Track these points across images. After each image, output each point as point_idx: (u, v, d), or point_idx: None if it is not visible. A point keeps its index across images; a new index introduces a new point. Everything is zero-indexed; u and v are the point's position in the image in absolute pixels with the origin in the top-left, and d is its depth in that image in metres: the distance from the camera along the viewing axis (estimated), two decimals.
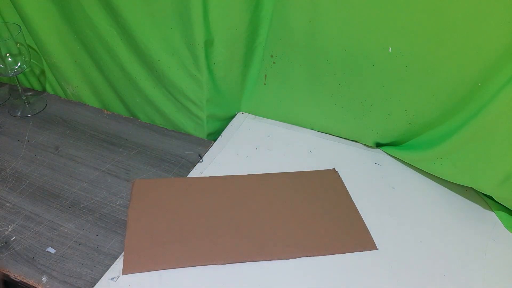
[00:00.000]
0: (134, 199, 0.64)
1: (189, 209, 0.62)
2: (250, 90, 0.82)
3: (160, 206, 0.62)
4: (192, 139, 0.80)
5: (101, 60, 0.81)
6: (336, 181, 0.70)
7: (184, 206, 0.63)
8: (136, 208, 0.62)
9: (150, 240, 0.57)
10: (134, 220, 0.60)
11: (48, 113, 0.85)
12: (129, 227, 0.59)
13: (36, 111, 0.85)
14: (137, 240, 0.57)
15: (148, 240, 0.57)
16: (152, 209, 0.62)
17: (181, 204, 0.63)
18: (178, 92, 0.78)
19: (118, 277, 0.52)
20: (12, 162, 0.71)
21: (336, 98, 0.73)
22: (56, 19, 0.78)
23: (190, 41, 0.69)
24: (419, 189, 0.71)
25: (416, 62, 0.61)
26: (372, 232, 0.61)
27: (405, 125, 0.70)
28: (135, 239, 0.57)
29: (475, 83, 0.58)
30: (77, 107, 0.87)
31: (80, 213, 0.62)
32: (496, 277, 0.56)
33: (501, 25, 0.52)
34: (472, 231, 0.63)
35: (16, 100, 0.88)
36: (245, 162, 0.73)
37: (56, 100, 0.89)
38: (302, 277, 0.54)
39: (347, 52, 0.66)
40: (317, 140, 0.80)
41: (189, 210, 0.62)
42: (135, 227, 0.58)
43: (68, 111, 0.86)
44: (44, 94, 0.92)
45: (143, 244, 0.56)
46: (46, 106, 0.87)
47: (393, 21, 0.59)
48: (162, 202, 0.63)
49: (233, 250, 0.56)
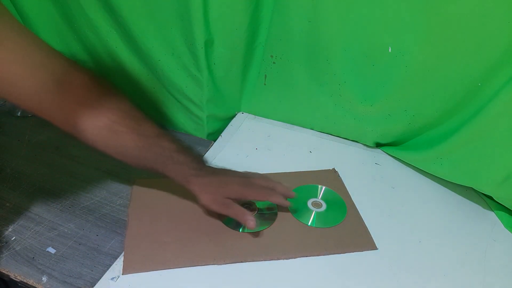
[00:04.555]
0: (134, 199, 0.64)
1: (189, 209, 0.62)
2: (250, 90, 0.82)
3: (160, 206, 0.62)
4: (192, 139, 0.80)
5: (101, 60, 0.81)
6: (336, 181, 0.70)
7: (184, 206, 0.62)
8: (136, 208, 0.62)
9: (150, 240, 0.57)
10: (134, 220, 0.59)
11: None
12: (129, 227, 0.59)
13: None
14: (137, 240, 0.57)
15: (148, 240, 0.57)
16: (152, 209, 0.62)
17: (181, 204, 0.63)
18: (178, 92, 0.78)
19: (118, 277, 0.52)
20: (12, 162, 0.71)
21: (336, 98, 0.73)
22: (56, 19, 0.78)
23: (190, 41, 0.69)
24: (419, 189, 0.71)
25: (416, 62, 0.61)
26: (372, 232, 0.61)
27: (405, 125, 0.70)
28: (135, 239, 0.57)
29: (475, 83, 0.58)
30: None
31: (80, 213, 0.62)
32: (496, 277, 0.56)
33: (501, 25, 0.52)
34: (472, 231, 0.63)
35: None
36: (245, 162, 0.73)
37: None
38: (302, 277, 0.54)
39: (347, 52, 0.66)
40: (317, 140, 0.80)
41: (189, 210, 0.62)
42: (135, 227, 0.58)
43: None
44: None
45: (143, 244, 0.56)
46: None
47: (393, 21, 0.59)
48: (162, 202, 0.63)
49: (233, 250, 0.56)
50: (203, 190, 0.55)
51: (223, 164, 0.72)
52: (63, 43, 0.82)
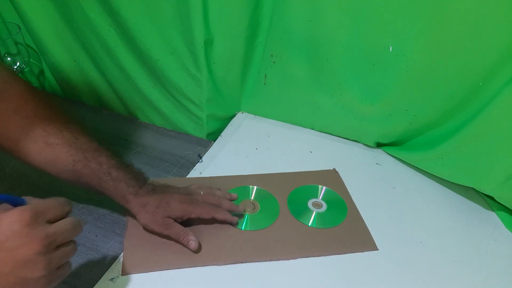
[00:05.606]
0: None
1: None
2: (250, 90, 0.81)
3: None
4: (192, 139, 0.80)
5: (100, 59, 0.81)
6: (336, 181, 0.70)
7: None
8: None
9: (150, 241, 0.56)
10: (134, 221, 0.59)
11: None
12: (128, 227, 0.58)
13: None
14: (136, 240, 0.56)
15: (148, 240, 0.56)
16: None
17: None
18: (177, 92, 0.78)
19: (118, 277, 0.52)
20: (12, 162, 0.70)
21: (336, 98, 0.73)
22: (55, 18, 0.78)
23: (190, 41, 0.69)
24: (420, 189, 0.70)
25: (417, 61, 0.60)
26: (373, 232, 0.61)
27: (406, 125, 0.69)
28: (134, 240, 0.57)
29: (476, 83, 0.58)
30: (76, 107, 0.87)
31: (79, 213, 0.62)
32: (497, 277, 0.56)
33: (502, 25, 0.52)
34: (473, 231, 0.63)
35: None
36: (245, 162, 0.73)
37: (55, 100, 0.89)
38: (302, 277, 0.54)
39: (348, 52, 0.65)
40: (317, 140, 0.80)
41: None
42: (134, 228, 0.58)
43: (67, 110, 0.85)
44: None
45: (142, 244, 0.56)
46: None
47: (393, 20, 0.59)
48: None
49: (233, 250, 0.56)
50: (143, 210, 0.53)
51: (222, 164, 0.72)
52: (63, 43, 0.82)
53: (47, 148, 0.50)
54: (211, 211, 0.56)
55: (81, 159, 0.51)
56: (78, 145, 0.51)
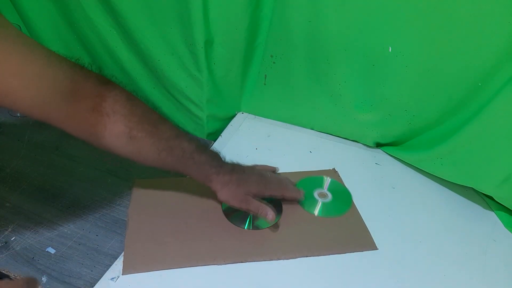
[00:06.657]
0: (134, 199, 0.64)
1: (189, 209, 0.62)
2: (250, 90, 0.82)
3: (160, 206, 0.62)
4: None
5: (101, 60, 0.81)
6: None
7: (184, 206, 0.62)
8: (136, 208, 0.62)
9: (150, 240, 0.56)
10: (134, 220, 0.59)
11: None
12: (129, 227, 0.58)
13: None
14: (137, 240, 0.57)
15: (148, 240, 0.57)
16: (152, 209, 0.62)
17: (181, 204, 0.63)
18: (178, 92, 0.78)
19: (118, 277, 0.52)
20: (12, 162, 0.71)
21: (336, 98, 0.73)
22: (56, 19, 0.78)
23: (190, 41, 0.69)
24: (419, 189, 0.70)
25: (416, 62, 0.61)
26: (372, 232, 0.61)
27: (405, 125, 0.70)
28: (135, 239, 0.57)
29: (475, 83, 0.58)
30: None
31: (80, 213, 0.62)
32: (496, 277, 0.56)
33: (501, 25, 0.52)
34: (472, 231, 0.63)
35: None
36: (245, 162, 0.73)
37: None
38: (302, 277, 0.54)
39: (347, 52, 0.66)
40: (317, 140, 0.80)
41: (189, 210, 0.62)
42: (135, 227, 0.58)
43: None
44: None
45: (143, 244, 0.56)
46: None
47: (393, 21, 0.59)
48: (162, 202, 0.63)
49: (233, 250, 0.56)
50: (225, 187, 0.57)
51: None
52: (63, 43, 0.82)
53: (130, 141, 0.51)
54: (282, 190, 0.62)
55: (165, 148, 0.53)
56: (160, 135, 0.53)
